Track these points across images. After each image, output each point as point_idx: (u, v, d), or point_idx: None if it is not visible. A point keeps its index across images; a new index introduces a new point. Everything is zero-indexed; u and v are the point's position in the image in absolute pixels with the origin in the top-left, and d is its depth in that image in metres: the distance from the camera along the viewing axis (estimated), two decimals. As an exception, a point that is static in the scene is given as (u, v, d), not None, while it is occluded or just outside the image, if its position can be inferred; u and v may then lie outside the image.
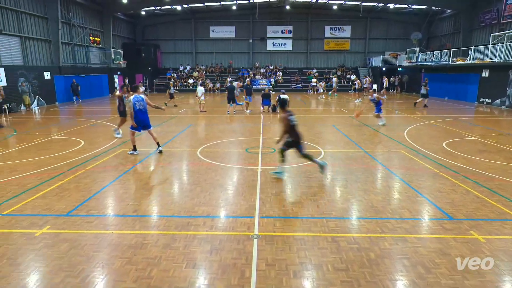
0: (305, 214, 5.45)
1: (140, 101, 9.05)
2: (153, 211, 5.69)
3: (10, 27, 20.49)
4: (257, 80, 36.78)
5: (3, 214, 5.43)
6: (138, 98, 9.08)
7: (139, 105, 9.00)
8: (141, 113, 9.07)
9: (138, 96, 9.10)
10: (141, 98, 9.13)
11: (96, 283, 3.69)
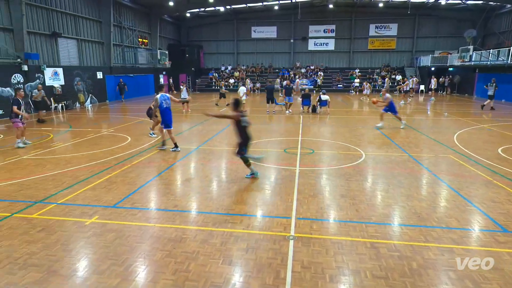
0: (343, 217, 5.31)
1: (166, 99, 9.45)
2: (192, 207, 5.86)
3: (69, 30, 22.15)
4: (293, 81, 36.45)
5: (59, 203, 5.89)
6: (164, 96, 9.43)
7: (165, 104, 9.38)
8: (168, 111, 9.45)
9: (164, 94, 9.45)
10: (167, 96, 9.52)
11: (138, 273, 3.88)
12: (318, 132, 12.82)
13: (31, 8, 18.83)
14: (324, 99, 17.68)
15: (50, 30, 20.36)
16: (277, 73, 38.55)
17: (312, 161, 8.60)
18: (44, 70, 19.63)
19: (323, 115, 17.31)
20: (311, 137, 11.68)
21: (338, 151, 9.66)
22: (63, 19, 21.58)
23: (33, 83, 18.86)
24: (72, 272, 3.90)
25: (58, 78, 20.81)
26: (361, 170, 7.86)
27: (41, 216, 5.37)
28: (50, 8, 20.28)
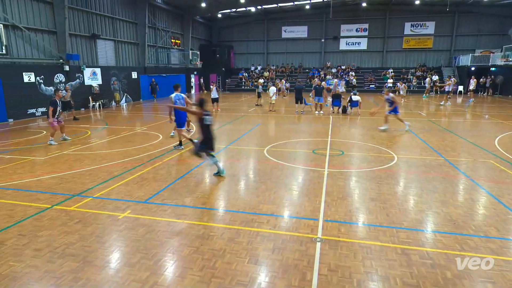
0: (373, 221, 5.16)
1: (180, 99, 9.60)
2: (220, 205, 5.94)
3: (107, 32, 23.17)
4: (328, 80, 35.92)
5: (94, 196, 6.18)
6: (179, 96, 9.57)
7: (179, 103, 9.53)
8: (181, 111, 9.50)
9: (178, 94, 9.59)
10: (181, 96, 9.65)
11: (166, 267, 3.99)
12: (348, 133, 12.55)
13: (73, 12, 19.88)
14: (355, 99, 17.29)
15: (90, 32, 21.40)
16: (307, 73, 38.21)
17: (342, 163, 8.44)
18: (83, 70, 20.68)
19: (353, 116, 16.93)
20: (340, 138, 11.46)
21: (369, 153, 9.41)
22: (102, 22, 22.59)
23: (73, 82, 19.92)
24: (105, 263, 4.07)
25: (96, 78, 21.84)
26: (392, 173, 7.61)
27: (78, 208, 5.65)
28: (90, 11, 21.31)
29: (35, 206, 5.76)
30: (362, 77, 36.45)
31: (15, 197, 6.20)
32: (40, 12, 17.89)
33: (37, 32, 17.80)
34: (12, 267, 3.98)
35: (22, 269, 3.93)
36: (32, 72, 17.27)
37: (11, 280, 3.73)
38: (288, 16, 38.35)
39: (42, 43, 18.01)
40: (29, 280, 3.74)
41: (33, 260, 4.11)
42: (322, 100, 17.72)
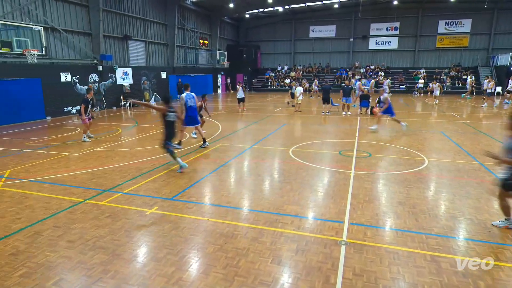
0: (401, 226, 5.00)
1: (191, 98, 9.75)
2: (244, 204, 5.97)
3: (138, 33, 23.93)
4: (356, 80, 35.19)
5: (124, 192, 6.40)
6: (189, 95, 9.74)
7: (190, 102, 9.68)
8: (193, 109, 9.72)
9: (189, 93, 9.76)
10: (192, 95, 9.79)
11: (191, 264, 4.06)
12: (376, 135, 12.24)
13: (107, 14, 20.70)
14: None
15: (122, 33, 22.18)
16: (334, 73, 37.64)
17: (369, 165, 8.24)
18: (116, 70, 21.48)
19: (382, 118, 16.45)
20: (368, 140, 11.19)
21: (398, 156, 9.13)
22: (133, 23, 23.36)
23: (106, 82, 20.74)
24: (133, 257, 4.21)
25: (127, 78, 22.61)
26: (422, 177, 7.34)
27: (109, 203, 5.88)
28: (123, 13, 22.09)
29: (69, 199, 6.05)
30: (392, 77, 35.40)
31: (51, 190, 6.54)
32: (77, 15, 18.77)
33: (74, 34, 18.68)
34: (48, 256, 4.20)
35: (56, 259, 4.14)
36: (69, 72, 18.15)
37: (46, 269, 3.94)
38: (316, 15, 37.93)
39: (78, 44, 18.88)
40: (62, 270, 3.93)
41: (66, 251, 4.32)
42: (350, 101, 17.38)
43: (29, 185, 6.84)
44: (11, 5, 15.29)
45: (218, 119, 16.25)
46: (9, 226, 5.03)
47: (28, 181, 7.13)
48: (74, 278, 3.78)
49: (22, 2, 15.75)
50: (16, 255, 4.24)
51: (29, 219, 5.26)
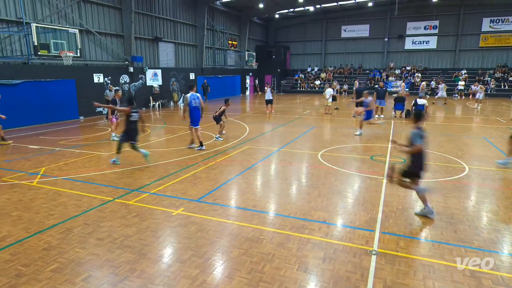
0: (437, 237, 4.79)
1: (195, 99, 9.84)
2: (270, 208, 5.96)
3: (168, 35, 24.64)
4: (391, 82, 34.26)
5: (151, 192, 6.59)
6: (194, 96, 9.84)
7: (194, 103, 9.79)
8: (197, 110, 9.82)
9: (194, 94, 9.87)
10: (196, 96, 9.93)
11: (216, 267, 4.11)
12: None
13: (138, 16, 21.48)
14: (420, 103, 16.21)
15: (153, 35, 22.92)
16: (367, 74, 36.81)
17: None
18: (146, 71, 22.22)
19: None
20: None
21: (435, 162, 8.76)
22: (164, 25, 24.07)
23: (136, 83, 21.50)
24: (159, 257, 4.32)
25: (157, 79, 23.31)
26: (462, 185, 7.00)
27: (136, 203, 6.08)
28: (154, 15, 22.83)
29: (99, 198, 6.32)
30: (430, 78, 34.08)
31: (82, 188, 6.86)
32: (110, 18, 19.62)
33: (107, 36, 19.53)
34: (78, 253, 4.40)
35: (86, 256, 4.33)
36: (101, 73, 18.99)
37: (76, 265, 4.12)
38: (349, 14, 37.31)
39: (110, 46, 19.72)
40: (91, 267, 4.10)
41: (95, 249, 4.51)
42: (384, 104, 16.90)
43: (62, 183, 7.21)
44: (50, 9, 16.25)
45: (245, 121, 16.36)
46: (43, 222, 5.32)
47: (61, 178, 7.52)
48: (102, 275, 3.93)
49: (60, 6, 16.70)
50: (49, 250, 4.48)
51: (62, 216, 5.54)
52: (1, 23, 14.58)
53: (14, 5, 14.84)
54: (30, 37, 14.41)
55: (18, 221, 5.38)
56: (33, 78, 15.39)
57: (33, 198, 6.33)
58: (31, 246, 4.59)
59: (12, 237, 4.84)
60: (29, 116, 15.00)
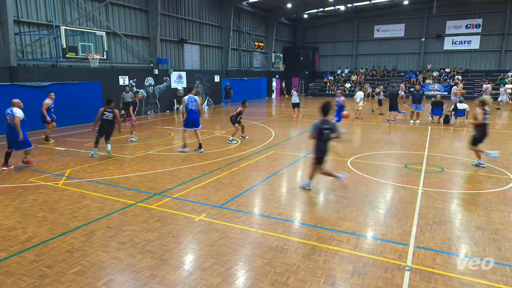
0: (479, 255, 4.56)
1: (193, 101, 10.19)
2: (296, 217, 5.91)
3: (193, 36, 25.18)
4: (428, 85, 33.22)
5: (173, 197, 6.72)
6: (191, 98, 10.22)
7: (191, 105, 10.17)
8: (193, 113, 10.20)
9: (191, 96, 10.25)
10: (194, 99, 10.25)
11: (238, 276, 4.11)
12: (451, 148, 11.38)
13: (164, 18, 22.11)
14: (461, 108, 15.61)
15: (178, 37, 23.50)
16: (402, 76, 35.91)
17: (441, 181, 7.67)
18: (171, 73, 22.78)
19: (458, 127, 15.30)
20: (440, 152, 10.44)
21: (477, 172, 8.38)
22: (189, 26, 24.63)
23: (161, 86, 22.07)
24: (180, 264, 4.38)
25: (182, 81, 23.83)
26: (508, 198, 6.64)
27: (158, 207, 6.21)
28: (179, 16, 23.43)
29: (122, 201, 6.51)
30: (472, 81, 32.76)
31: (106, 191, 7.09)
32: (137, 20, 20.33)
33: (133, 38, 20.24)
34: (100, 256, 4.54)
35: (108, 260, 4.46)
36: (127, 75, 19.65)
37: (98, 269, 4.26)
38: (382, 13, 36.62)
39: (136, 48, 20.40)
40: (112, 271, 4.22)
41: (117, 252, 4.64)
42: (421, 108, 16.40)
43: (86, 185, 7.50)
44: (78, 12, 17.06)
45: (271, 125, 16.38)
46: (67, 224, 5.55)
47: (85, 181, 7.81)
48: (123, 280, 4.04)
49: (88, 9, 17.49)
50: (72, 252, 4.65)
51: (85, 218, 5.75)
52: (33, 26, 15.46)
53: (45, 8, 15.70)
54: (59, 40, 15.16)
55: (44, 222, 5.63)
56: (60, 80, 16.17)
57: (58, 200, 6.62)
58: (55, 247, 4.79)
59: (38, 237, 5.08)
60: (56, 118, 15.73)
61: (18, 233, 5.24)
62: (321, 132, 6.68)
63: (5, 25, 13.88)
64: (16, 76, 14.55)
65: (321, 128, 6.63)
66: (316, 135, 6.72)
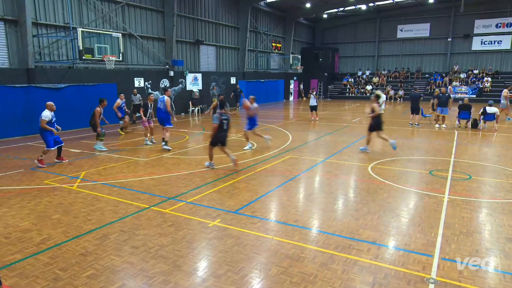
0: (510, 269, 4.41)
1: (161, 101, 11.52)
2: (313, 224, 5.86)
3: (210, 37, 25.45)
4: (455, 87, 32.47)
5: (188, 201, 6.77)
6: (161, 98, 11.58)
7: (159, 104, 11.54)
8: (160, 112, 11.55)
9: (162, 97, 11.61)
10: (163, 99, 11.50)
11: (253, 285, 4.10)
12: (479, 154, 11.07)
13: (180, 19, 22.45)
14: (490, 111, 15.19)
15: (194, 38, 23.81)
16: (427, 78, 35.26)
17: (468, 189, 7.47)
18: (186, 75, 23.06)
19: (487, 132, 14.88)
20: (468, 159, 10.17)
21: (508, 180, 8.12)
22: (205, 27, 24.92)
23: (176, 88, 22.36)
24: (193, 270, 4.40)
25: (197, 83, 24.10)
26: (542, 209, 6.39)
27: (172, 212, 6.27)
28: (195, 17, 23.74)
29: (135, 205, 6.61)
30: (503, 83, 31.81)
31: (120, 194, 7.22)
32: (153, 21, 20.72)
33: (149, 40, 20.63)
34: (113, 260, 4.62)
35: (121, 264, 4.53)
36: (142, 77, 20.02)
37: (111, 273, 4.33)
38: (406, 12, 36.13)
39: (152, 49, 20.77)
40: (125, 275, 4.28)
41: (130, 257, 4.71)
42: (446, 112, 16.04)
43: (100, 188, 7.65)
44: (95, 13, 17.53)
45: (288, 129, 16.34)
46: (81, 227, 5.67)
47: (100, 183, 7.98)
48: (135, 285, 4.09)
49: (105, 10, 17.95)
50: (86, 255, 4.75)
51: (99, 221, 5.87)
52: (50, 28, 15.97)
53: (62, 10, 16.20)
54: (75, 42, 15.60)
55: (58, 224, 5.78)
56: (76, 82, 16.62)
57: (72, 202, 6.78)
58: (69, 250, 4.90)
59: (52, 240, 5.21)
60: (72, 120, 16.14)
61: (33, 235, 5.39)
62: (221, 122, 8.73)
63: (24, 27, 14.41)
64: (34, 78, 15.04)
65: (221, 119, 8.71)
66: (217, 124, 8.78)
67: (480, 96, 29.75)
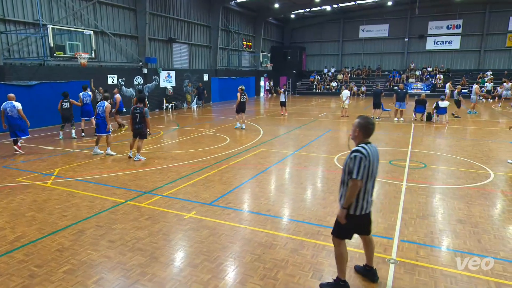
0: (459, 247, 4.67)
1: (86, 97, 12.89)
2: (284, 213, 5.93)
3: (182, 36, 24.95)
4: (411, 84, 33.71)
5: (163, 195, 6.66)
6: (85, 94, 12.85)
7: (86, 100, 12.92)
8: (85, 105, 12.88)
9: (86, 93, 12.88)
10: (88, 94, 12.92)
11: (228, 272, 4.11)
12: (433, 144, 11.58)
13: (152, 17, 21.84)
14: (442, 105, 15.91)
15: (167, 36, 23.26)
16: (386, 76, 36.36)
17: (423, 177, 7.81)
18: (160, 72, 22.54)
19: (440, 125, 15.58)
20: (423, 149, 10.62)
21: (458, 168, 8.56)
22: (178, 26, 24.40)
23: (150, 85, 21.79)
24: (170, 261, 4.35)
25: (171, 80, 23.61)
26: (487, 193, 6.80)
27: (148, 205, 6.15)
28: (168, 16, 23.18)
29: (111, 200, 6.43)
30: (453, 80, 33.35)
31: (95, 190, 6.99)
32: (125, 19, 20.04)
33: (121, 37, 19.94)
34: (90, 255, 4.48)
35: (98, 258, 4.40)
36: (115, 74, 19.37)
37: (88, 267, 4.20)
38: (367, 14, 36.99)
39: (125, 47, 20.12)
40: (102, 269, 4.17)
41: (107, 251, 4.58)
42: (404, 106, 16.64)
43: (76, 184, 7.38)
44: (66, 10, 16.72)
45: (259, 124, 16.38)
46: (56, 223, 5.45)
47: (74, 180, 7.68)
48: (113, 278, 3.99)
49: (76, 8, 17.15)
50: (62, 251, 4.58)
51: (75, 217, 5.66)
52: (19, 25, 15.08)
53: (31, 7, 15.33)
54: (46, 39, 14.83)
55: (32, 221, 5.52)
56: (48, 79, 15.82)
57: (47, 199, 6.50)
58: (45, 246, 4.70)
59: (26, 237, 4.98)
60: (44, 117, 15.40)
61: (6, 233, 5.13)
62: (133, 114, 9.04)
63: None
64: (3, 75, 14.19)
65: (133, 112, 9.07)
66: (130, 116, 9.24)
67: (433, 92, 31.04)
